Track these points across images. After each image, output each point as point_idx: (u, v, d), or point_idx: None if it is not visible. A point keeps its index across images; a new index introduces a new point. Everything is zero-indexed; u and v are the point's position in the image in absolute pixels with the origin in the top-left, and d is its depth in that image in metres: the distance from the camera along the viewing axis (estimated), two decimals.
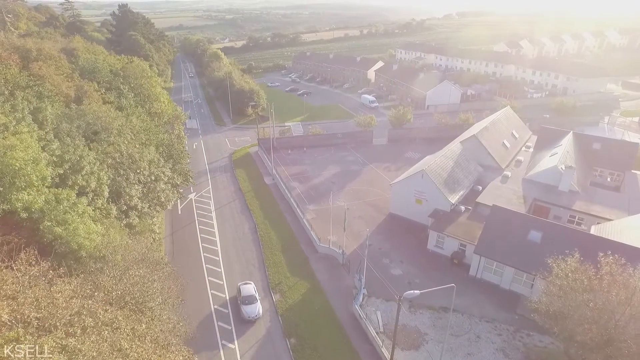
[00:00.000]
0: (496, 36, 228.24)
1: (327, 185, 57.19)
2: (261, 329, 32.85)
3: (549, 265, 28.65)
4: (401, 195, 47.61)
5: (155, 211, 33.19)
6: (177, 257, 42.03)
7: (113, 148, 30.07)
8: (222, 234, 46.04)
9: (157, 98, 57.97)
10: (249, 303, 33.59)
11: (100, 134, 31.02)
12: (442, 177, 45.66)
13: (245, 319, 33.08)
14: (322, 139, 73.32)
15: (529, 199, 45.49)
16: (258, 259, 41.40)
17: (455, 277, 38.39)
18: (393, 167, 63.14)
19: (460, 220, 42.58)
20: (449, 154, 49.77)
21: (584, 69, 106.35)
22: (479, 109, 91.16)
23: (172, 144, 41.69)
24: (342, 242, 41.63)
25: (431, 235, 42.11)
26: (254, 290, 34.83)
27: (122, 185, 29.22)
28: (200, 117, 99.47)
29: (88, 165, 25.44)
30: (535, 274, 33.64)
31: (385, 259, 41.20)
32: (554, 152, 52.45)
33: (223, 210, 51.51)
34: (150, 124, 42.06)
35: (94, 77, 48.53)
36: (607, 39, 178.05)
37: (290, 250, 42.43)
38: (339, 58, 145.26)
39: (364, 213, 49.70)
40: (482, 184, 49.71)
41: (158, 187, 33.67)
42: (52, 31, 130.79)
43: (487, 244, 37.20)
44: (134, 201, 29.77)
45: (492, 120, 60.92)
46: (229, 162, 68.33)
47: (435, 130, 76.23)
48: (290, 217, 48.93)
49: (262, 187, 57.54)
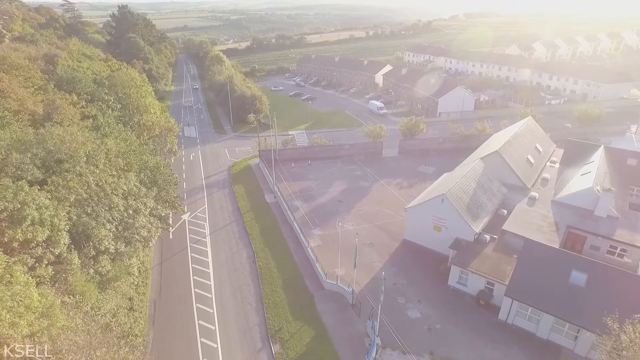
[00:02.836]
0: (502, 37, 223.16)
1: (334, 204, 52.15)
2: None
3: (604, 320, 23.71)
4: (417, 221, 42.48)
5: (133, 250, 28.39)
6: (164, 293, 37.23)
7: (78, 181, 25.16)
8: (217, 265, 41.14)
9: (147, 109, 53.09)
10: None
11: (64, 163, 26.16)
12: (464, 202, 40.49)
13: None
14: (328, 150, 68.30)
15: (562, 227, 40.16)
16: (256, 297, 36.43)
17: (482, 322, 33.50)
18: (405, 183, 57.99)
19: (486, 253, 37.42)
20: (471, 174, 44.55)
21: (606, 74, 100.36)
22: (494, 117, 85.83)
23: (157, 167, 36.80)
24: (351, 275, 36.67)
25: (453, 271, 36.97)
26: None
27: (90, 226, 24.46)
28: (199, 124, 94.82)
29: (36, 213, 20.60)
30: (581, 326, 28.51)
31: (401, 297, 36.12)
32: (587, 171, 47.11)
33: (219, 234, 46.61)
34: (131, 145, 37.03)
35: (73, 88, 43.75)
36: (624, 41, 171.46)
37: (292, 286, 37.42)
38: (345, 61, 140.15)
39: (375, 239, 44.62)
40: (507, 206, 44.50)
41: (137, 222, 28.82)
42: (50, 33, 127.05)
43: (521, 285, 32.03)
44: (105, 243, 24.89)
45: (514, 133, 55.56)
46: (227, 176, 63.46)
47: (450, 141, 71.06)
48: (293, 244, 43.93)
49: (263, 207, 52.59)
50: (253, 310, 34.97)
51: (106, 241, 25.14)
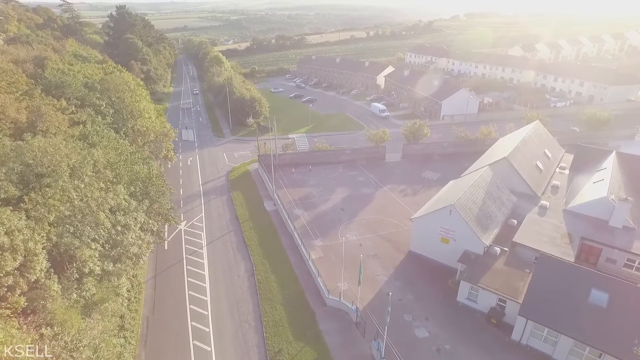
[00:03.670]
0: (503, 38, 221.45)
1: (336, 213, 50.19)
2: None
3: (633, 347, 21.79)
4: (424, 232, 40.54)
5: (123, 269, 26.38)
6: (158, 310, 35.29)
7: (60, 197, 23.13)
8: (214, 278, 39.17)
9: (142, 114, 50.97)
10: None
11: (45, 178, 24.10)
12: (473, 213, 38.55)
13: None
14: (329, 155, 66.33)
15: (576, 238, 38.22)
16: (255, 314, 34.47)
17: (493, 342, 31.63)
18: (410, 190, 56.04)
19: (497, 267, 35.48)
20: (479, 182, 42.60)
21: (612, 75, 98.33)
22: (498, 120, 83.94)
23: (149, 177, 34.70)
24: (354, 290, 34.76)
25: (462, 286, 35.02)
26: None
27: (73, 246, 22.49)
28: (197, 127, 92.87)
29: (5, 238, 18.48)
30: (604, 351, 26.57)
31: (407, 314, 34.20)
32: (599, 178, 45.21)
33: (216, 245, 44.65)
34: (122, 155, 34.87)
35: (62, 92, 41.65)
36: (628, 41, 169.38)
37: (293, 303, 35.45)
38: (346, 62, 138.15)
39: (379, 250, 42.67)
40: (517, 216, 42.58)
41: (126, 239, 26.83)
42: (47, 34, 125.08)
43: (536, 303, 30.08)
44: (90, 265, 22.83)
45: (522, 138, 53.60)
46: (225, 182, 61.48)
47: (454, 145, 69.09)
48: (294, 256, 41.96)
49: (262, 215, 50.63)
50: (252, 329, 33.02)
51: (91, 262, 23.11)
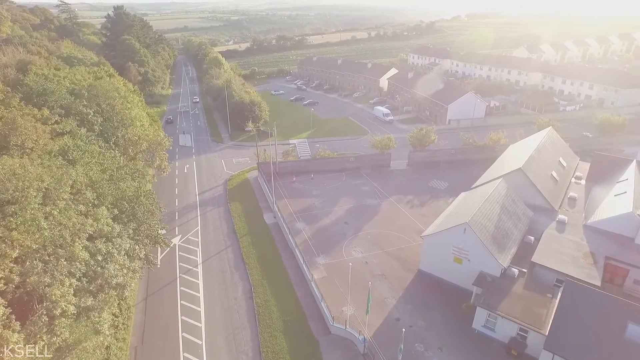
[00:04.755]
0: (504, 38, 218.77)
1: (340, 226, 47.31)
2: None
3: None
4: (435, 251, 37.65)
5: (105, 302, 23.46)
6: (148, 339, 32.46)
7: (26, 229, 20.27)
8: (209, 301, 36.30)
9: (133, 122, 48.00)
10: None
11: (9, 206, 21.21)
12: (489, 231, 35.66)
13: None
14: (332, 163, 63.39)
15: (600, 258, 35.30)
16: (253, 344, 31.60)
17: None
18: (417, 201, 53.15)
19: (516, 291, 32.59)
20: (494, 196, 39.70)
21: (623, 78, 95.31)
22: (507, 125, 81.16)
23: (137, 196, 31.74)
24: (360, 314, 31.95)
25: (479, 313, 32.12)
26: None
27: (42, 285, 19.65)
28: (196, 131, 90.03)
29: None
30: None
31: (419, 343, 31.33)
32: (621, 191, 42.28)
33: (212, 262, 41.78)
34: (106, 172, 31.87)
35: (45, 100, 38.69)
36: (635, 42, 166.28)
37: (294, 330, 32.59)
38: (348, 64, 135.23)
39: (386, 269, 39.78)
40: (533, 232, 39.70)
41: (107, 271, 23.88)
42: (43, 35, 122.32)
43: (563, 336, 27.17)
44: (62, 305, 19.89)
45: (536, 147, 50.69)
46: (223, 191, 58.59)
47: (462, 152, 66.17)
48: (295, 275, 39.07)
49: (261, 229, 47.75)
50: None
51: (63, 302, 20.28)
